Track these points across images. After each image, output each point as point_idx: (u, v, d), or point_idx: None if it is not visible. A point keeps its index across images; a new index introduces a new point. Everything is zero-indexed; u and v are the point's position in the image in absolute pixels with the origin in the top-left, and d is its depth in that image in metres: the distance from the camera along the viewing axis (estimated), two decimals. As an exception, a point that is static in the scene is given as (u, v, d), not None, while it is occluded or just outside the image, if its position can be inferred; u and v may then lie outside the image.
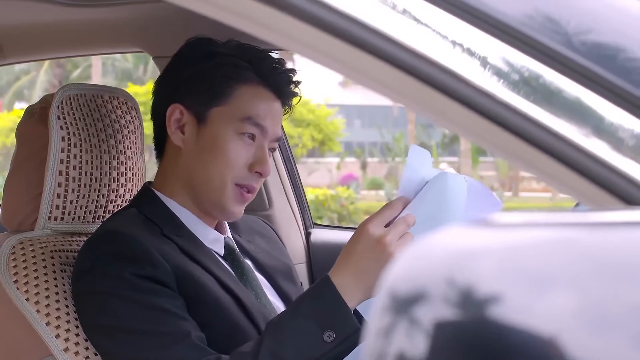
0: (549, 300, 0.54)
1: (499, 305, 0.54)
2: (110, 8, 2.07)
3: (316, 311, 1.62)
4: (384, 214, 1.65)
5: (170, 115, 1.87)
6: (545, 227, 0.60)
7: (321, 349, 1.60)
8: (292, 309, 1.66)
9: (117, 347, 1.72)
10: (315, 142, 21.04)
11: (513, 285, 0.55)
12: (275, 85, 1.87)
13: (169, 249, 1.79)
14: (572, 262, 0.56)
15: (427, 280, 0.56)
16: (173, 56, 1.94)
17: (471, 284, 0.55)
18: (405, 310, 0.55)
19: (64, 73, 26.13)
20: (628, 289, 0.55)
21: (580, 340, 0.53)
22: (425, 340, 0.54)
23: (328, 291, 1.63)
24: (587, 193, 0.75)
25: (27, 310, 1.79)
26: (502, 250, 0.57)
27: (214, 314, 1.76)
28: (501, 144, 0.77)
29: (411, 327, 0.55)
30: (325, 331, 1.60)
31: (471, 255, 0.57)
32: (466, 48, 0.83)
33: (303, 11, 0.86)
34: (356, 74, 0.87)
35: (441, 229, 1.72)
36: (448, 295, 0.55)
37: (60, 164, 1.88)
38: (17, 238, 1.87)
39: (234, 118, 1.83)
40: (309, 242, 2.67)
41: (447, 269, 0.56)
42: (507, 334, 0.53)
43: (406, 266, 0.57)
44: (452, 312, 0.54)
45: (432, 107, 0.82)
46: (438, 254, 0.58)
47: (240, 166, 1.83)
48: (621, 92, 0.77)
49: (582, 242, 0.57)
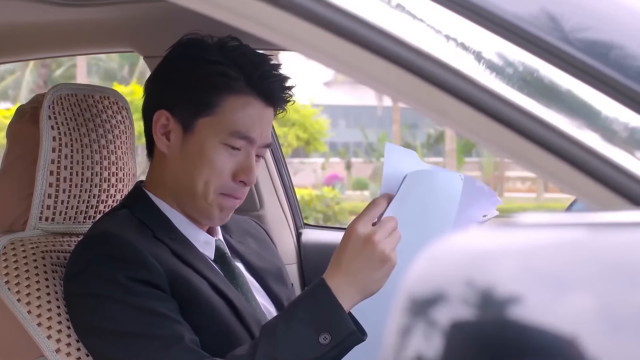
0: (568, 301, 0.54)
1: (518, 306, 0.54)
2: (101, 8, 2.06)
3: (311, 314, 1.62)
4: (370, 212, 1.65)
5: (157, 120, 1.84)
6: (563, 228, 0.60)
7: (317, 352, 1.60)
8: (287, 312, 1.66)
9: (110, 350, 1.71)
10: (300, 141, 21.02)
11: (532, 286, 0.55)
12: (267, 93, 1.81)
13: (162, 252, 1.77)
14: (590, 263, 0.56)
15: (446, 282, 0.55)
16: (163, 58, 1.90)
17: (490, 285, 0.55)
18: (425, 312, 0.55)
19: (49, 73, 26.03)
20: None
21: (599, 341, 0.52)
22: (445, 342, 0.54)
23: (323, 294, 1.62)
24: (592, 193, 0.75)
25: (19, 311, 1.78)
26: (520, 251, 0.57)
27: (207, 317, 1.75)
28: (505, 143, 0.77)
29: (430, 329, 0.55)
30: (321, 334, 1.60)
31: (490, 256, 0.57)
32: (468, 46, 0.83)
33: (304, 10, 0.86)
34: (358, 73, 0.87)
35: (432, 226, 1.72)
36: (467, 296, 0.55)
37: (51, 164, 1.87)
38: (8, 238, 1.86)
39: (221, 131, 1.79)
40: (300, 242, 2.67)
41: (466, 270, 0.56)
42: (526, 334, 0.53)
43: (425, 267, 0.57)
44: (471, 313, 0.54)
45: (434, 106, 0.82)
46: (457, 255, 0.57)
47: (225, 176, 1.79)
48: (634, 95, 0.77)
49: (599, 243, 0.57)
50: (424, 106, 0.82)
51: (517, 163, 0.77)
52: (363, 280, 1.62)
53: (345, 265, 1.63)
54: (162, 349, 1.66)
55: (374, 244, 1.61)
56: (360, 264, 1.62)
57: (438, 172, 1.74)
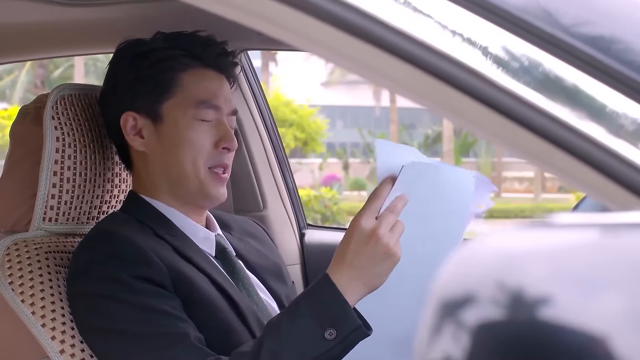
0: (599, 302, 0.53)
1: (549, 307, 0.53)
2: (102, 8, 2.05)
3: (316, 310, 1.61)
4: (372, 205, 1.64)
5: (125, 124, 1.86)
6: (593, 229, 0.59)
7: (322, 347, 1.59)
8: (292, 309, 1.65)
9: (115, 349, 1.71)
10: (298, 141, 21.05)
11: (562, 287, 0.54)
12: (214, 62, 1.88)
13: (163, 249, 1.78)
14: (620, 263, 0.55)
15: (477, 283, 0.55)
16: (109, 66, 1.94)
17: (520, 287, 0.54)
18: (455, 314, 0.55)
19: (47, 74, 26.04)
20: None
21: (629, 342, 0.52)
22: (475, 343, 0.54)
23: (327, 289, 1.62)
24: (612, 194, 0.74)
25: (23, 311, 1.77)
26: (551, 252, 0.57)
27: (208, 314, 1.75)
28: (525, 145, 0.76)
29: (461, 330, 0.54)
30: (327, 329, 1.59)
31: (520, 257, 0.56)
32: (485, 46, 0.82)
33: (320, 9, 0.85)
34: (373, 74, 0.86)
35: (439, 220, 1.71)
36: (498, 297, 0.54)
37: (54, 165, 1.87)
38: (11, 239, 1.85)
39: (188, 106, 1.83)
40: (303, 242, 2.66)
41: (497, 272, 0.55)
42: (557, 335, 0.53)
43: (456, 269, 0.57)
44: (501, 315, 0.54)
45: (450, 106, 0.81)
46: (487, 256, 0.57)
47: (208, 148, 1.83)
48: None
49: (629, 244, 0.57)
50: (441, 107, 0.81)
51: (539, 164, 0.76)
52: (367, 275, 1.61)
53: (349, 260, 1.62)
54: (167, 346, 1.66)
55: (378, 237, 1.60)
56: (364, 258, 1.61)
57: (442, 165, 1.73)
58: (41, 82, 25.33)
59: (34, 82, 25.56)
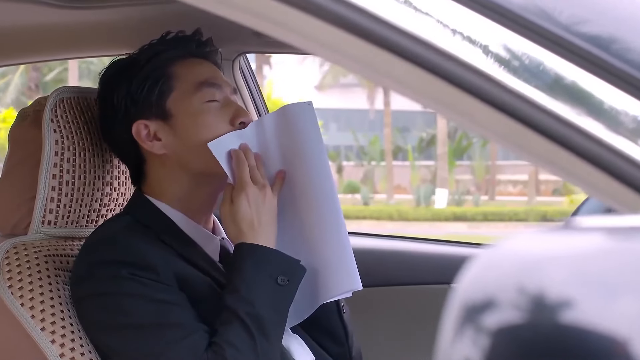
0: (620, 305, 0.53)
1: (569, 311, 0.53)
2: (105, 10, 2.05)
3: (259, 267, 1.72)
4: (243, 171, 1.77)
5: (138, 134, 1.85)
6: (614, 232, 0.59)
7: (283, 293, 1.73)
8: (239, 277, 1.72)
9: (130, 344, 1.71)
10: (292, 145, 20.98)
11: (583, 291, 0.54)
12: (197, 51, 1.90)
13: (167, 255, 1.78)
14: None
15: (497, 288, 0.55)
16: (103, 89, 1.93)
17: (541, 291, 0.54)
18: (477, 318, 0.55)
19: (40, 76, 26.02)
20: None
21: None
22: (496, 347, 0.54)
23: (255, 249, 1.74)
24: (616, 194, 0.74)
25: (22, 315, 1.77)
26: (571, 256, 0.57)
27: (212, 320, 1.75)
28: (534, 148, 0.76)
29: (483, 335, 0.54)
30: (277, 277, 1.72)
31: (540, 261, 0.57)
32: (495, 49, 0.82)
33: (327, 11, 0.85)
34: (380, 77, 0.86)
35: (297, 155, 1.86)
36: (518, 302, 0.54)
37: (53, 168, 1.86)
38: (10, 242, 1.85)
39: (190, 92, 1.84)
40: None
41: (517, 276, 0.56)
42: (578, 339, 0.53)
43: (477, 274, 0.57)
44: (522, 319, 0.54)
45: (459, 109, 0.81)
46: (509, 260, 0.57)
47: (225, 126, 1.83)
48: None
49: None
50: (450, 110, 0.81)
51: (548, 167, 0.76)
52: (268, 225, 1.78)
53: (246, 229, 1.76)
54: (183, 336, 1.69)
55: (248, 195, 1.76)
56: (256, 216, 1.76)
57: (266, 117, 1.89)
58: (35, 85, 25.32)
59: (28, 85, 25.54)
